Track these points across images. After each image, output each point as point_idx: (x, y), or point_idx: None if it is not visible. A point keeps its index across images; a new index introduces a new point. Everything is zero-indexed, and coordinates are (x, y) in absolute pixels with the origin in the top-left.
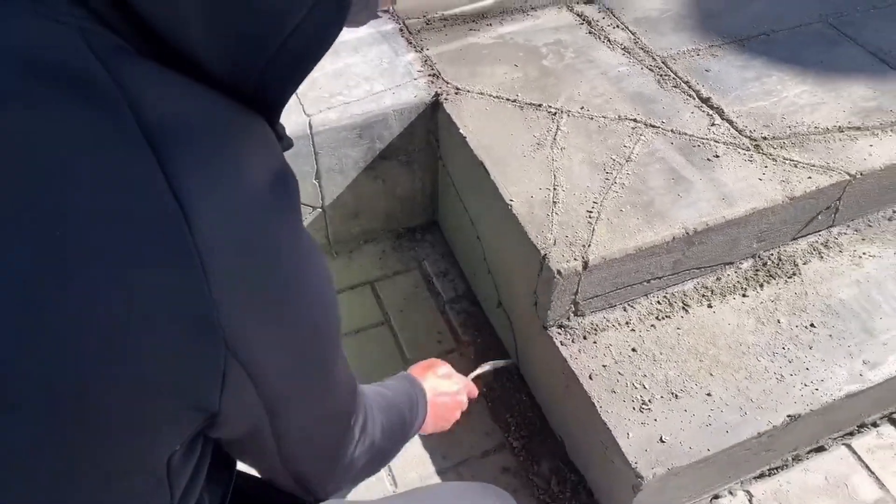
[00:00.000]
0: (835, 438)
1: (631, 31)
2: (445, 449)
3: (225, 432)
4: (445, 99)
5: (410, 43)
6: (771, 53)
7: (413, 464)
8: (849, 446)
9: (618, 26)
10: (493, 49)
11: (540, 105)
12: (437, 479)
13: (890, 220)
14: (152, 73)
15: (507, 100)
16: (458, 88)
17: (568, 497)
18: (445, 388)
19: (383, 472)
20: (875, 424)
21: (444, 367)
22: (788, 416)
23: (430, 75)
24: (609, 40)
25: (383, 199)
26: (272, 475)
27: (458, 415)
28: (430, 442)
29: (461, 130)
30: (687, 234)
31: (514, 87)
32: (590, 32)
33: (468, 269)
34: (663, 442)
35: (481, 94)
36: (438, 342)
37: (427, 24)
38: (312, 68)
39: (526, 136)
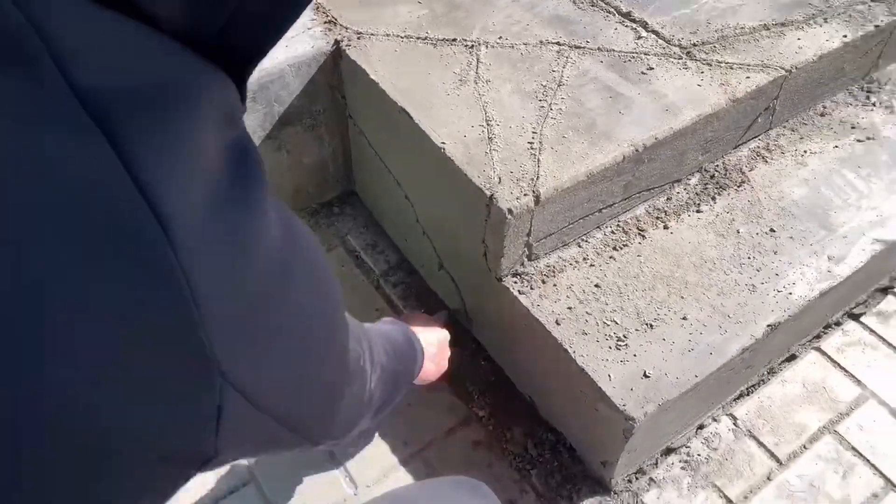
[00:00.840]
0: (803, 344)
1: None
2: (406, 434)
3: (230, 457)
4: (348, 45)
5: None
6: None
7: (372, 459)
8: (818, 349)
9: None
10: None
11: (454, 40)
12: (401, 472)
13: (822, 115)
14: (87, 15)
15: (418, 38)
16: (359, 33)
17: (548, 458)
18: (432, 336)
19: (339, 473)
20: (838, 323)
21: (423, 316)
22: (768, 325)
23: (325, 23)
24: None
25: (290, 173)
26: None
27: (448, 353)
28: (387, 430)
29: (372, 77)
30: (637, 151)
31: (422, 24)
32: None
33: (399, 237)
34: (648, 377)
35: (387, 35)
36: (378, 318)
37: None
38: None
39: (445, 73)
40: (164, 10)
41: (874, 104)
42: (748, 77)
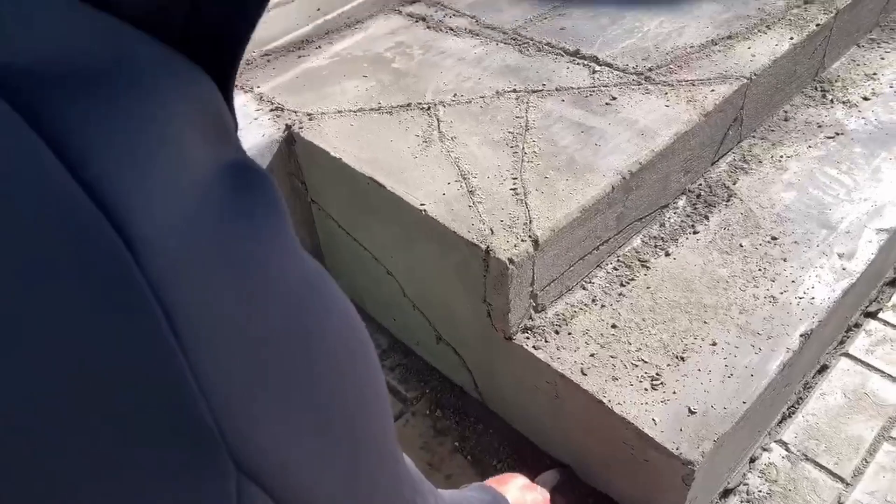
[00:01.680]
0: (830, 353)
1: (469, 16)
2: None
3: None
4: (300, 128)
5: (235, 86)
6: (613, 0)
7: None
8: (847, 355)
9: (455, 14)
10: (334, 68)
11: (409, 105)
12: None
13: (786, 120)
14: None
15: (371, 109)
16: (310, 114)
17: None
18: (531, 500)
19: None
20: (858, 325)
21: (521, 479)
22: (801, 335)
23: (272, 111)
24: (451, 28)
25: None
26: None
27: None
28: None
29: (333, 154)
30: (624, 178)
31: (373, 95)
32: (428, 27)
33: (386, 317)
34: (694, 413)
35: (339, 112)
36: None
37: (247, 64)
38: None
39: (408, 137)
40: None
41: (831, 101)
42: (712, 90)
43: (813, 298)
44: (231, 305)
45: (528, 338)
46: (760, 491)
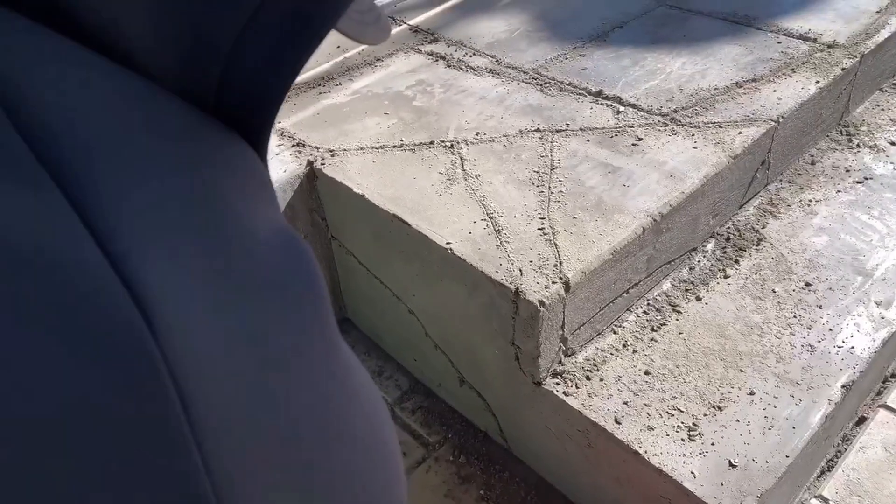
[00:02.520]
0: (868, 404)
1: (489, 55)
2: None
3: None
4: (322, 164)
5: None
6: (634, 41)
7: None
8: (886, 406)
9: (474, 54)
10: (354, 104)
11: (432, 143)
12: None
13: (812, 164)
14: (46, 44)
15: (393, 147)
16: (332, 150)
17: None
18: None
19: None
20: (894, 375)
21: None
22: (842, 386)
23: (293, 146)
24: (472, 68)
25: None
26: None
27: None
28: None
29: (356, 190)
30: (655, 221)
31: (395, 133)
32: (448, 66)
33: (406, 358)
34: (735, 466)
35: (361, 148)
36: (404, 454)
37: None
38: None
39: (431, 175)
40: (155, 58)
41: (857, 145)
42: (740, 133)
43: (852, 348)
44: (260, 407)
45: (558, 383)
46: None
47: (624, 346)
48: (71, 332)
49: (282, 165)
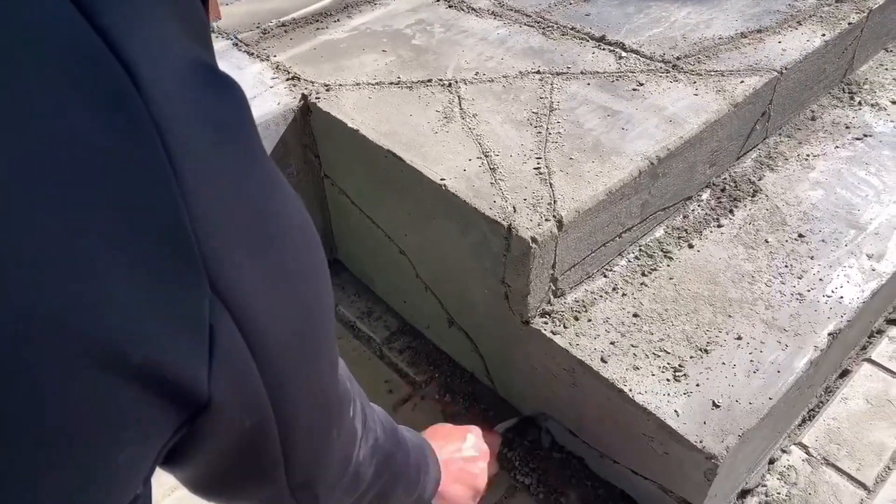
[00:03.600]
0: (852, 357)
1: None
2: None
3: (212, 443)
4: (317, 98)
5: (252, 55)
6: None
7: None
8: (870, 360)
9: None
10: (352, 41)
11: (429, 81)
12: None
13: (813, 119)
14: None
15: (390, 83)
16: (327, 85)
17: None
18: (462, 456)
19: None
20: (881, 331)
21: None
22: (829, 334)
23: (288, 80)
24: (473, 9)
25: None
26: None
27: (482, 482)
28: None
29: (350, 125)
30: (651, 164)
31: (392, 70)
32: (450, 6)
33: (396, 299)
34: (718, 406)
35: (357, 84)
36: (390, 392)
37: (264, 33)
38: None
39: (427, 112)
40: None
41: (859, 103)
42: (742, 82)
43: (841, 297)
44: (216, 148)
45: (546, 323)
46: (779, 493)
47: (614, 289)
48: (67, 83)
49: (275, 98)
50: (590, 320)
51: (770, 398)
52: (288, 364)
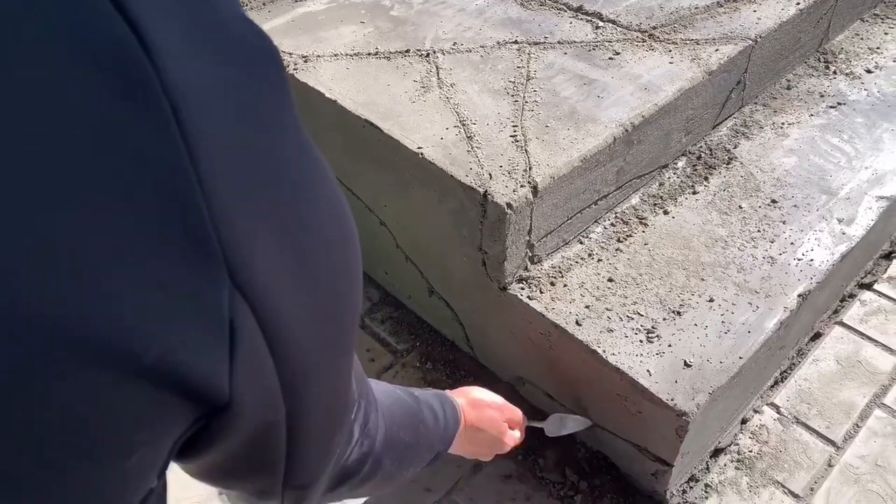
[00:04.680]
0: (824, 321)
1: None
2: (426, 480)
3: (224, 441)
4: (295, 69)
5: None
6: None
7: None
8: (841, 323)
9: None
10: (330, 13)
11: (407, 51)
12: None
13: (788, 88)
14: None
15: (368, 54)
16: (305, 56)
17: (590, 481)
18: (488, 400)
19: None
20: (853, 295)
21: (485, 393)
22: (799, 295)
23: None
24: None
25: None
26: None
27: (505, 441)
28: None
29: (328, 95)
30: (626, 131)
31: (370, 41)
32: None
33: (377, 271)
34: (690, 366)
35: (335, 55)
36: (372, 360)
37: (243, 6)
38: None
39: (405, 82)
40: None
41: (834, 72)
42: (717, 50)
43: (812, 260)
44: (237, 126)
45: (522, 288)
46: (751, 451)
47: (589, 255)
48: (71, 46)
49: None
50: (566, 285)
51: (740, 357)
52: (307, 367)
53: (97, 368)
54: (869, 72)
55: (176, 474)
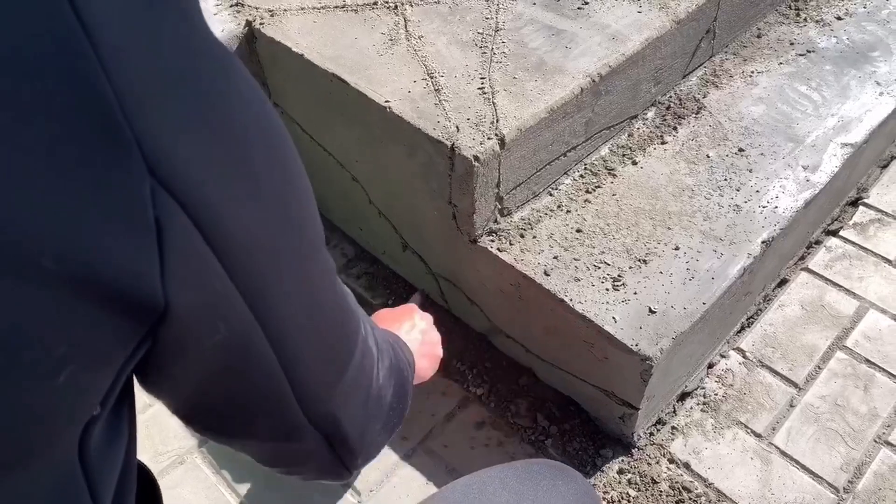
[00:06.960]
0: (790, 267)
1: None
2: (402, 429)
3: (185, 358)
4: (261, 24)
5: None
6: None
7: None
8: (807, 269)
9: None
10: None
11: (375, 4)
12: (406, 468)
13: (759, 37)
14: None
15: (336, 7)
16: (271, 11)
17: (560, 426)
18: (399, 320)
19: (336, 483)
20: (819, 241)
21: (415, 311)
22: (763, 241)
23: (231, 6)
24: None
25: None
26: (298, 451)
27: (440, 349)
28: None
29: (295, 50)
30: (593, 81)
31: None
32: None
33: (352, 227)
34: (654, 312)
35: (302, 9)
36: None
37: None
38: None
39: (373, 35)
40: None
41: (805, 20)
42: None
43: (776, 207)
44: (140, 14)
45: (492, 241)
46: (716, 394)
47: (559, 206)
48: None
49: (220, 25)
50: (535, 237)
51: (703, 303)
52: (264, 266)
53: (50, 295)
54: (839, 18)
55: (153, 428)
